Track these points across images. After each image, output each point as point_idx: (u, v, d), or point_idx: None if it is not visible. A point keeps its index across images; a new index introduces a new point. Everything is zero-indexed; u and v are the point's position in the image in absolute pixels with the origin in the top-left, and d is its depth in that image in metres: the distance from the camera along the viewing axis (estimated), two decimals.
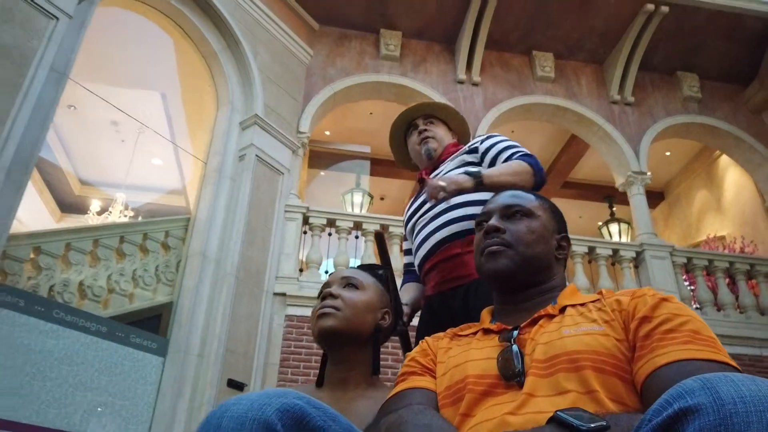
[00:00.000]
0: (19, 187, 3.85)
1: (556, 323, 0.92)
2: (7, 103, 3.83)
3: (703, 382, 0.57)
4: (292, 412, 0.69)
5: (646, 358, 0.79)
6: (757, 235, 7.47)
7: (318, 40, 7.16)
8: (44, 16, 4.21)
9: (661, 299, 0.86)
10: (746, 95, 7.77)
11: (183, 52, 6.33)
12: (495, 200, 1.16)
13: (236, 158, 5.70)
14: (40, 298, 4.07)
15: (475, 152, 1.80)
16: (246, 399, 0.70)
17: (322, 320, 1.23)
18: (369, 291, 1.31)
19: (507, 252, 1.04)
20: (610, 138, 7.18)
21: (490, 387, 0.87)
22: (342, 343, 1.24)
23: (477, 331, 1.05)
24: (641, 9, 6.92)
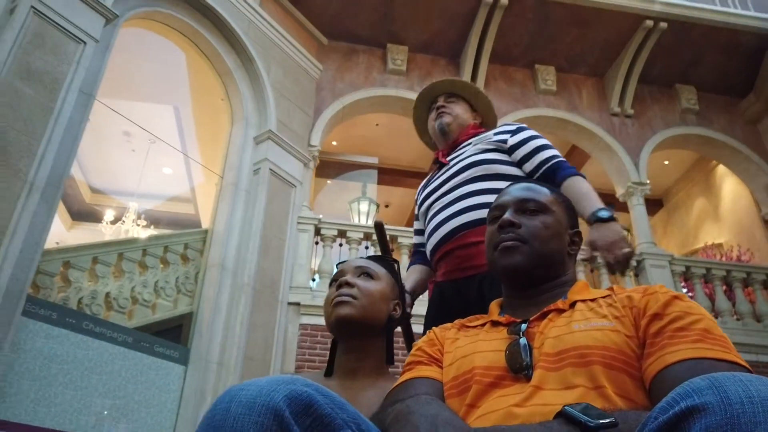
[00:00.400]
0: (52, 205, 4.06)
1: (565, 318, 0.92)
2: (41, 127, 4.03)
3: (711, 381, 0.57)
4: (301, 399, 0.68)
5: (655, 355, 0.79)
6: (754, 244, 7.70)
7: (327, 55, 7.37)
8: (73, 41, 4.42)
9: (672, 297, 0.86)
10: (742, 107, 8.00)
11: (195, 68, 6.55)
12: (509, 193, 1.13)
13: (251, 172, 5.90)
14: (71, 310, 4.27)
15: (502, 143, 1.74)
16: (254, 384, 0.70)
17: (340, 308, 1.22)
18: (382, 281, 1.31)
19: (522, 248, 1.02)
20: (610, 149, 7.40)
21: (497, 379, 0.87)
22: (356, 331, 1.23)
23: (485, 323, 1.04)
24: (640, 25, 7.15)
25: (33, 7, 4.19)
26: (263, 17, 6.48)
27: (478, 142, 1.77)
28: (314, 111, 6.93)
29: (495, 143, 1.73)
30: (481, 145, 1.75)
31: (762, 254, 7.54)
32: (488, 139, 1.76)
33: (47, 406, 3.88)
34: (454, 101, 1.95)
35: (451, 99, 1.96)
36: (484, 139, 1.77)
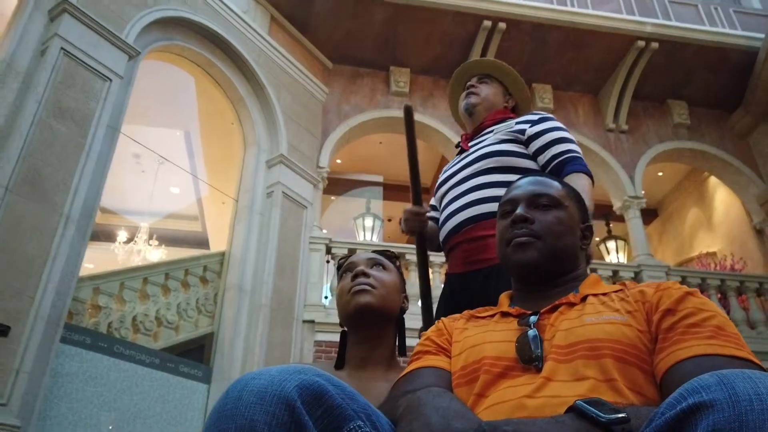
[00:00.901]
0: (85, 236, 4.30)
1: (577, 311, 0.92)
2: (73, 162, 4.28)
3: (719, 377, 0.57)
4: (312, 389, 0.69)
5: (667, 351, 0.78)
6: (746, 252, 7.99)
7: (332, 78, 7.64)
8: (100, 79, 4.68)
9: (686, 293, 0.86)
10: (732, 121, 8.31)
11: (204, 93, 6.79)
12: (520, 187, 1.12)
13: (264, 195, 6.15)
14: (102, 335, 4.50)
15: (520, 133, 1.70)
16: (266, 373, 0.70)
17: (360, 296, 1.22)
18: (393, 273, 1.32)
19: (536, 244, 1.02)
20: (607, 165, 7.69)
21: (506, 369, 0.87)
22: (373, 321, 1.24)
23: (495, 314, 1.04)
24: (632, 45, 7.47)
25: (63, 48, 4.44)
26: (272, 45, 6.75)
27: (499, 131, 1.74)
28: (322, 133, 7.19)
29: (514, 133, 1.70)
30: (500, 135, 1.72)
31: (754, 262, 7.83)
32: (509, 128, 1.72)
33: (84, 427, 4.11)
34: (487, 82, 1.91)
35: (484, 80, 1.92)
36: (506, 128, 1.73)
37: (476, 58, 2.01)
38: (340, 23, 7.19)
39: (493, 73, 1.93)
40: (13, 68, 4.25)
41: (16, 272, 3.71)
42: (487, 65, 1.95)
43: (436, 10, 7.09)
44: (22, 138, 3.98)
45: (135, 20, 5.16)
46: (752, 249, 7.95)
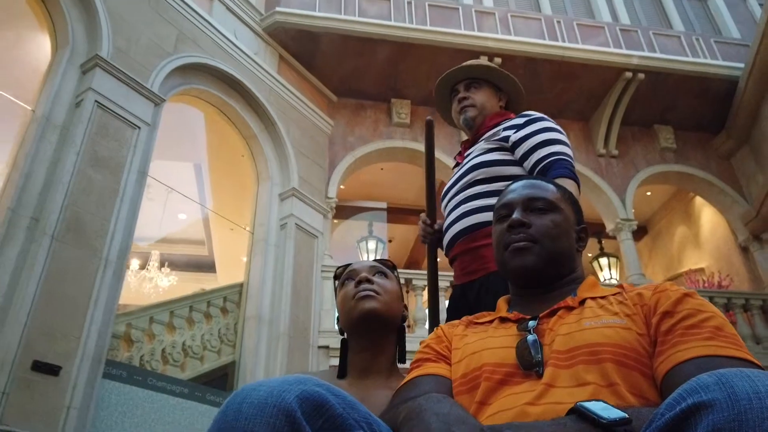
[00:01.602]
0: (120, 276, 4.61)
1: (576, 315, 0.91)
2: (109, 208, 4.60)
3: (718, 377, 0.57)
4: (312, 399, 0.68)
5: (667, 353, 0.78)
6: (732, 269, 8.42)
7: (337, 111, 8.01)
8: (130, 128, 5.01)
9: (684, 294, 0.85)
10: (716, 143, 8.77)
11: (213, 127, 7.10)
12: (515, 191, 1.11)
13: (278, 227, 6.48)
14: (136, 368, 4.79)
15: (505, 141, 1.69)
16: (266, 385, 0.70)
17: (366, 302, 1.21)
18: (394, 281, 1.32)
19: (533, 248, 1.01)
20: (599, 189, 8.11)
21: (507, 376, 0.87)
22: (378, 327, 1.23)
23: (493, 319, 1.03)
24: (620, 76, 7.91)
25: (97, 101, 4.77)
26: (281, 83, 7.11)
27: (488, 138, 1.74)
28: (329, 164, 7.55)
29: (499, 141, 1.70)
30: (486, 144, 1.72)
31: (740, 279, 8.26)
32: (496, 136, 1.72)
33: None
34: (476, 86, 1.88)
35: (473, 84, 1.89)
36: (493, 136, 1.73)
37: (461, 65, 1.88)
38: (345, 61, 7.57)
39: (480, 76, 1.89)
40: (51, 122, 4.57)
41: (63, 315, 4.01)
42: (472, 70, 1.90)
43: (435, 48, 7.50)
44: (64, 188, 4.30)
45: (158, 69, 5.50)
46: (738, 266, 8.38)
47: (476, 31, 7.67)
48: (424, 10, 7.76)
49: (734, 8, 9.55)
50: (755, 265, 8.05)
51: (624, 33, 8.28)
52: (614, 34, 8.22)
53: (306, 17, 7.16)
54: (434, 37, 7.47)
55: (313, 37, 7.30)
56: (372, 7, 7.62)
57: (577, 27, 8.17)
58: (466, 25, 7.77)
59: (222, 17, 6.65)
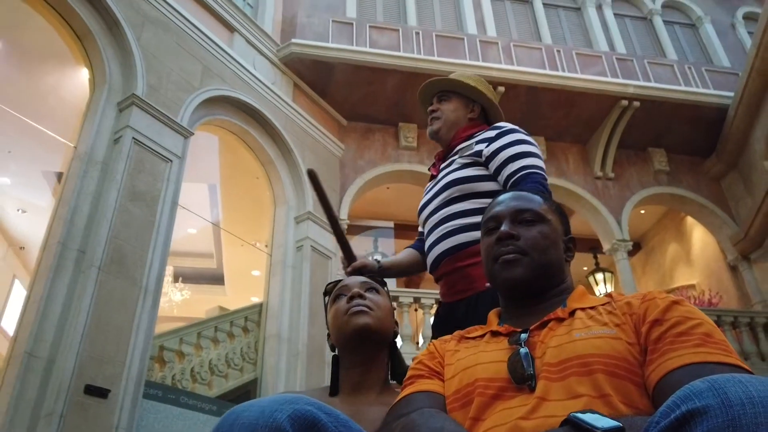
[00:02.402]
0: (156, 302, 4.94)
1: (566, 326, 0.91)
2: (147, 239, 4.94)
3: (710, 383, 0.57)
4: (304, 419, 0.68)
5: (657, 361, 0.78)
6: (722, 287, 8.85)
7: (347, 135, 8.37)
8: (163, 161, 5.36)
9: (672, 302, 0.85)
10: (706, 166, 9.22)
11: (228, 152, 7.44)
12: (503, 203, 1.11)
13: (295, 249, 6.84)
14: (169, 387, 5.13)
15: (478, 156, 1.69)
16: (257, 405, 0.70)
17: (359, 318, 1.21)
18: (385, 297, 1.32)
19: (523, 260, 1.01)
20: (596, 210, 8.52)
21: (500, 390, 0.86)
22: (371, 343, 1.23)
23: (485, 333, 1.03)
24: (617, 104, 8.34)
25: (134, 138, 5.11)
26: (296, 111, 7.47)
27: (463, 152, 1.74)
28: (340, 187, 7.91)
29: (472, 156, 1.70)
30: (461, 159, 1.72)
31: (729, 296, 8.70)
32: (469, 150, 1.72)
33: None
34: (446, 99, 1.89)
35: (444, 97, 1.90)
36: (467, 149, 1.73)
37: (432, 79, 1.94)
38: (356, 88, 7.94)
39: (447, 88, 1.91)
40: (92, 159, 4.92)
41: (110, 342, 4.35)
42: (441, 84, 1.93)
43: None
44: (107, 222, 4.64)
45: (187, 104, 5.85)
46: (727, 283, 8.82)
47: (481, 61, 8.06)
48: (431, 41, 8.15)
49: (724, 36, 10.02)
50: (743, 284, 8.49)
51: (620, 62, 8.70)
52: (611, 63, 8.65)
53: (320, 48, 7.52)
54: (441, 67, 7.83)
55: (326, 67, 7.67)
56: (382, 37, 8.00)
57: (576, 56, 8.59)
58: (471, 55, 8.17)
59: (242, 49, 7.00)
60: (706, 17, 10.19)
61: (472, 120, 1.85)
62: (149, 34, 5.72)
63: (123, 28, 5.43)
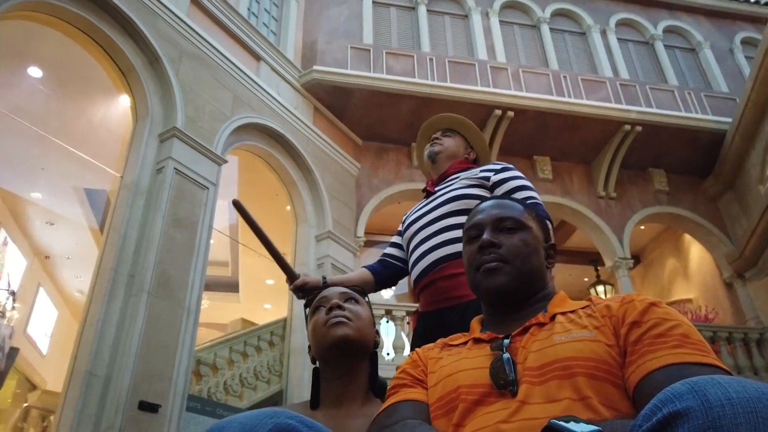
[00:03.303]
0: (197, 321, 5.34)
1: (546, 331, 0.92)
2: (188, 263, 5.34)
3: (691, 385, 0.58)
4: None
5: (637, 363, 0.79)
6: (718, 302, 9.29)
7: (362, 154, 8.77)
8: (201, 189, 5.76)
9: (650, 304, 0.86)
10: (704, 186, 9.65)
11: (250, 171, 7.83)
12: (484, 211, 1.12)
13: (316, 266, 7.24)
14: (206, 399, 5.53)
15: (485, 180, 1.80)
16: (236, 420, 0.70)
17: (338, 329, 1.21)
18: (365, 307, 1.32)
19: (505, 268, 1.02)
20: (599, 228, 8.95)
21: (482, 396, 0.87)
22: (351, 354, 1.23)
23: (467, 340, 1.04)
24: (620, 128, 8.77)
25: (175, 168, 5.51)
26: (316, 133, 7.88)
27: (465, 177, 1.84)
28: (357, 205, 8.31)
29: (479, 179, 1.80)
30: (466, 180, 1.81)
31: (724, 311, 9.14)
32: (474, 175, 1.82)
33: None
34: (450, 135, 2.03)
35: (448, 133, 2.04)
36: (471, 175, 1.83)
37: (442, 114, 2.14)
38: (372, 111, 8.35)
39: (456, 128, 2.06)
40: (138, 188, 5.31)
41: (159, 360, 4.75)
42: (450, 121, 2.08)
43: (455, 101, 8.29)
44: (154, 248, 5.04)
45: (220, 133, 6.25)
46: (722, 299, 9.26)
47: (491, 87, 8.47)
48: (444, 67, 8.56)
49: (723, 61, 10.45)
50: (738, 300, 8.93)
51: (623, 87, 9.13)
52: (615, 88, 9.07)
53: (340, 75, 7.93)
54: (453, 93, 8.27)
55: (345, 92, 8.07)
56: (397, 63, 8.40)
57: (582, 81, 9.00)
58: (482, 81, 8.58)
59: (267, 77, 7.40)
60: (705, 42, 10.62)
61: (467, 160, 2.01)
62: (186, 68, 6.11)
63: (163, 63, 5.82)
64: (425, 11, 9.53)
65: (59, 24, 5.44)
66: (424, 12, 9.50)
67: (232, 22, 7.05)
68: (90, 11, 5.46)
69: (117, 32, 5.65)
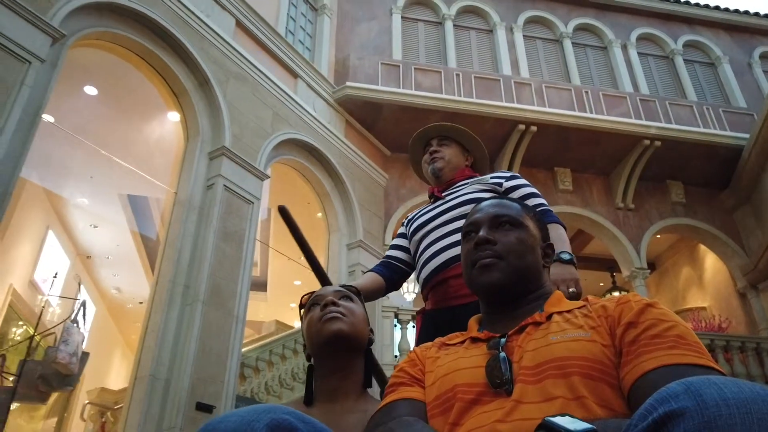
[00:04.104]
0: (243, 327, 5.77)
1: (542, 330, 0.92)
2: (236, 274, 5.77)
3: (686, 385, 0.58)
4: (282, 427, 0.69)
5: (632, 363, 0.79)
6: (731, 311, 9.59)
7: (390, 165, 9.16)
8: (246, 204, 6.18)
9: (646, 305, 0.87)
10: (721, 199, 9.92)
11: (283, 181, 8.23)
12: (482, 210, 1.14)
13: (348, 274, 7.65)
14: (251, 399, 5.97)
15: (497, 186, 1.85)
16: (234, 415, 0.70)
17: (332, 324, 1.23)
18: (359, 305, 1.34)
19: (499, 264, 1.03)
20: (617, 239, 9.27)
21: (478, 395, 0.87)
22: (345, 349, 1.24)
23: (465, 339, 1.04)
24: (639, 143, 9.06)
25: (224, 184, 5.93)
26: (348, 146, 8.28)
27: (474, 183, 1.88)
28: (384, 214, 8.71)
29: (491, 185, 1.86)
30: (478, 186, 1.86)
31: (737, 320, 9.43)
32: (485, 181, 1.88)
33: None
34: (447, 144, 2.04)
35: (444, 141, 2.05)
36: (481, 181, 1.89)
37: (437, 123, 2.15)
38: (401, 124, 8.72)
39: (452, 135, 2.07)
40: (191, 204, 5.74)
41: (213, 364, 5.19)
42: (446, 129, 2.10)
43: (480, 117, 8.65)
44: (207, 262, 5.47)
45: (263, 150, 6.66)
46: (736, 309, 9.56)
47: (515, 103, 8.81)
48: (470, 83, 8.90)
49: (741, 76, 10.69)
50: (751, 310, 9.23)
51: (643, 103, 9.41)
52: (635, 104, 9.36)
53: (371, 91, 8.31)
54: (479, 109, 8.62)
55: (376, 106, 8.45)
56: (426, 79, 8.76)
57: (603, 97, 9.30)
58: (507, 96, 8.91)
59: (304, 93, 7.80)
60: (724, 57, 10.85)
61: (467, 167, 2.04)
62: (232, 88, 6.53)
63: (212, 86, 6.24)
64: (452, 26, 9.88)
65: (117, 49, 5.86)
66: (450, 27, 9.85)
67: (272, 42, 7.45)
68: (146, 37, 5.87)
69: (170, 56, 6.07)
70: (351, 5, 9.52)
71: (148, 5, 5.75)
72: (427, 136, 2.10)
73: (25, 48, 4.47)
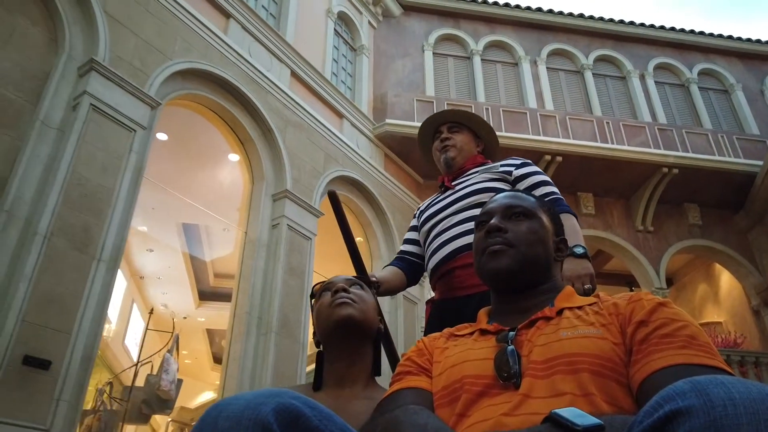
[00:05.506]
0: (306, 352, 6.47)
1: (553, 325, 0.92)
2: (300, 305, 6.48)
3: (693, 384, 0.58)
4: (288, 412, 0.69)
5: (642, 362, 0.80)
6: (746, 328, 10.17)
7: (423, 192, 9.83)
8: (306, 240, 6.88)
9: (658, 303, 0.87)
10: (735, 220, 10.50)
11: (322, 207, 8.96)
12: (496, 201, 1.15)
13: (390, 297, 8.33)
14: None
15: (507, 174, 1.84)
16: (242, 398, 0.70)
17: (343, 309, 1.25)
18: (370, 294, 1.37)
19: (509, 251, 1.04)
20: (637, 261, 9.88)
21: (486, 387, 0.88)
22: (354, 335, 1.25)
23: (474, 331, 1.04)
24: (658, 170, 9.68)
25: (288, 224, 6.64)
26: (387, 178, 8.97)
27: (485, 171, 1.87)
28: None
29: (500, 173, 1.84)
30: (487, 174, 1.85)
31: (752, 336, 10.01)
32: (495, 170, 1.86)
33: None
34: (458, 130, 2.02)
35: (455, 128, 2.03)
36: (491, 170, 1.87)
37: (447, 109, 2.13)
38: None
39: (462, 121, 2.06)
40: (260, 242, 6.46)
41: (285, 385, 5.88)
42: (457, 115, 2.08)
43: (508, 149, 9.29)
44: (277, 294, 6.18)
45: (317, 189, 7.37)
46: (751, 325, 10.13)
47: (541, 135, 9.46)
48: (499, 116, 9.57)
49: (753, 103, 11.26)
50: (765, 327, 9.80)
51: (661, 132, 10.03)
52: (653, 133, 9.97)
53: (408, 127, 9.00)
54: (507, 142, 9.26)
55: (411, 140, 9.11)
56: None
57: (623, 127, 9.93)
58: (533, 129, 9.56)
59: (349, 132, 8.51)
60: (738, 84, 11.42)
61: (479, 153, 2.05)
62: (290, 135, 7.24)
63: (275, 134, 6.96)
64: (480, 61, 10.54)
65: (192, 105, 6.59)
66: (478, 62, 10.52)
67: (321, 87, 8.16)
68: (219, 94, 6.60)
69: (238, 108, 6.79)
70: (386, 44, 10.22)
71: (222, 67, 6.48)
72: (437, 122, 2.09)
73: (131, 118, 5.21)
